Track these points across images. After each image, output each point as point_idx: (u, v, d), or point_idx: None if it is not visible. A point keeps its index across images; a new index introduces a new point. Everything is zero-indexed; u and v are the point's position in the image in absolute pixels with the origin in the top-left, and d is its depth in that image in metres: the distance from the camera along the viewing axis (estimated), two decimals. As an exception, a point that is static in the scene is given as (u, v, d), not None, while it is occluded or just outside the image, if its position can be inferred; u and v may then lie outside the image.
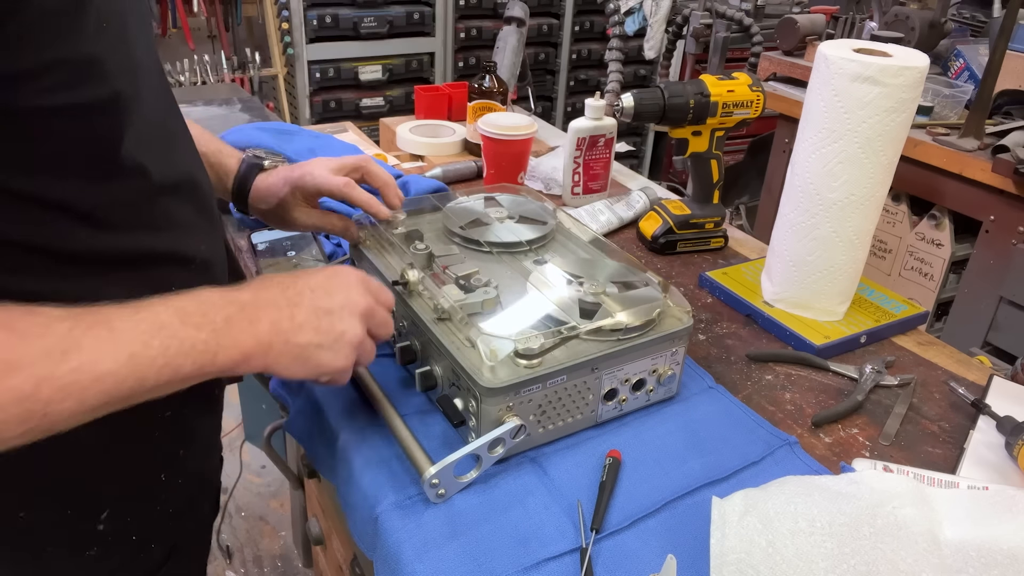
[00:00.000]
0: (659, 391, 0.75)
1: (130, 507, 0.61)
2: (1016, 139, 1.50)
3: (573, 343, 0.68)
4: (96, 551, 0.59)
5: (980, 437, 0.74)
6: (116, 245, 0.54)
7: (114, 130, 0.51)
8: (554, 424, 0.69)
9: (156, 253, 0.58)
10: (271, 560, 1.82)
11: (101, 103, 0.50)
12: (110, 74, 0.50)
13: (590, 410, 0.71)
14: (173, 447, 0.64)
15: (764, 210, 2.16)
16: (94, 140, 0.51)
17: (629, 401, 0.73)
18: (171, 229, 0.59)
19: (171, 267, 0.59)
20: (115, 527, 0.60)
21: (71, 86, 0.47)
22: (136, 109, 0.53)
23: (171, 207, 0.59)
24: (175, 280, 0.57)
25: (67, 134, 0.48)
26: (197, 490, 0.70)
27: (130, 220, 0.55)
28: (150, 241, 0.57)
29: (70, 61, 0.46)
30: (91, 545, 0.59)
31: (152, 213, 0.57)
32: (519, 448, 0.68)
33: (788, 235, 0.91)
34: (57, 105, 0.47)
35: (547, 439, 0.70)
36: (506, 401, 0.63)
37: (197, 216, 0.63)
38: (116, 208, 0.54)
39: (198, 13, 2.58)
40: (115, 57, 0.50)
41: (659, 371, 0.73)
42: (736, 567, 0.54)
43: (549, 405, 0.67)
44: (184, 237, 0.61)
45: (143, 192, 0.56)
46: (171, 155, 0.60)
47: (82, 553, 0.59)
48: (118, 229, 0.54)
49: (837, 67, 0.80)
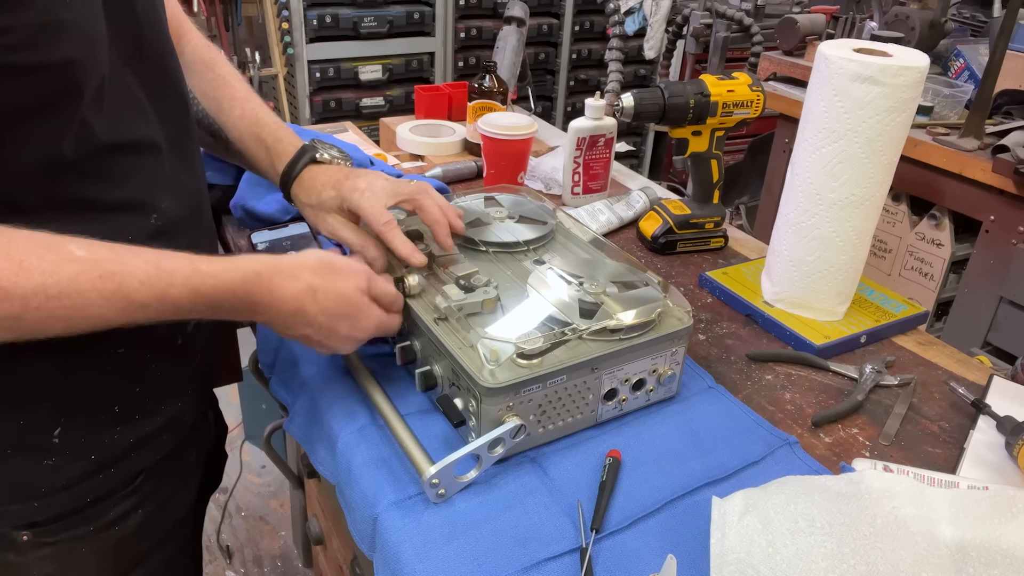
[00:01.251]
0: (659, 391, 0.75)
1: (82, 427, 0.65)
2: (1016, 139, 1.50)
3: (573, 343, 0.68)
4: (54, 461, 0.64)
5: (980, 437, 0.74)
6: (67, 193, 0.58)
7: (74, 87, 0.54)
8: (554, 424, 0.69)
9: (107, 202, 0.61)
10: (271, 560, 1.82)
11: (63, 62, 0.53)
12: (76, 35, 0.53)
13: (590, 410, 0.71)
14: (128, 384, 0.67)
15: (764, 210, 2.17)
16: (48, 101, 0.54)
17: (629, 401, 0.73)
18: (124, 183, 0.62)
19: (125, 215, 0.62)
20: (69, 442, 0.64)
21: (32, 44, 0.50)
22: (94, 74, 0.56)
23: (130, 161, 0.62)
24: (132, 228, 0.62)
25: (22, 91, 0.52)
26: (162, 428, 0.71)
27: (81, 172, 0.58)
28: (99, 191, 0.60)
29: (31, 25, 0.49)
30: (49, 455, 0.63)
31: (103, 167, 0.60)
32: (519, 448, 0.68)
33: (788, 235, 0.91)
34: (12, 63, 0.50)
35: (547, 439, 0.70)
36: (506, 401, 0.63)
37: (161, 174, 0.66)
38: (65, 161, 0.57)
39: (198, 13, 2.58)
40: (84, 20, 0.53)
41: (659, 371, 0.73)
42: (736, 567, 0.54)
43: (549, 405, 0.67)
44: (140, 191, 0.64)
45: (94, 148, 0.59)
46: (137, 116, 0.63)
47: (40, 461, 0.63)
48: (68, 178, 0.58)
49: (837, 67, 0.80)
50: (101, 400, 0.65)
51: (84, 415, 0.65)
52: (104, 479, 0.67)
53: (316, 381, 0.78)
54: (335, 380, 0.77)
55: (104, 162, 0.60)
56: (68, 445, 0.64)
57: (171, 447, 0.73)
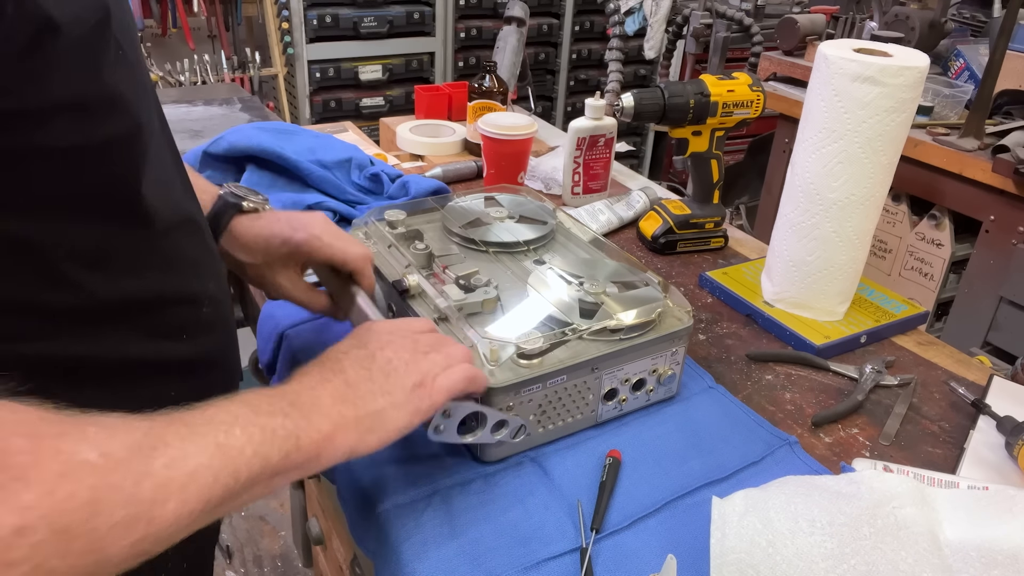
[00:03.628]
0: (659, 391, 0.75)
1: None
2: (1016, 139, 1.50)
3: (574, 343, 0.68)
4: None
5: (980, 437, 0.74)
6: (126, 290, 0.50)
7: (133, 167, 0.48)
8: (554, 424, 0.69)
9: (165, 296, 0.54)
10: (271, 560, 1.82)
11: (120, 139, 0.46)
12: (131, 105, 0.47)
13: (590, 410, 0.71)
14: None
15: (764, 210, 2.16)
16: (111, 180, 0.47)
17: (629, 401, 0.73)
18: (179, 269, 0.55)
19: (182, 308, 0.56)
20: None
21: (92, 121, 0.44)
22: (152, 141, 0.50)
23: (179, 244, 0.55)
24: (187, 322, 0.54)
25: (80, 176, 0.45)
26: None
27: (140, 263, 0.51)
28: (158, 284, 0.53)
29: (92, 94, 0.43)
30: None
31: (162, 252, 0.53)
32: (519, 448, 0.68)
33: (788, 235, 0.91)
34: (74, 144, 0.43)
35: (547, 439, 0.70)
36: (507, 401, 0.63)
37: (203, 253, 0.59)
38: (125, 251, 0.50)
39: (198, 13, 2.58)
40: (132, 86, 0.47)
41: (659, 371, 0.73)
42: (736, 567, 0.54)
43: (549, 405, 0.67)
44: (192, 278, 0.57)
45: (154, 230, 0.51)
46: (173, 190, 0.56)
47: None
48: (128, 274, 0.50)
49: (837, 67, 0.80)
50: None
51: None
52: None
53: (316, 381, 0.77)
54: (335, 380, 0.77)
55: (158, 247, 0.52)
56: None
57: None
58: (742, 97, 1.04)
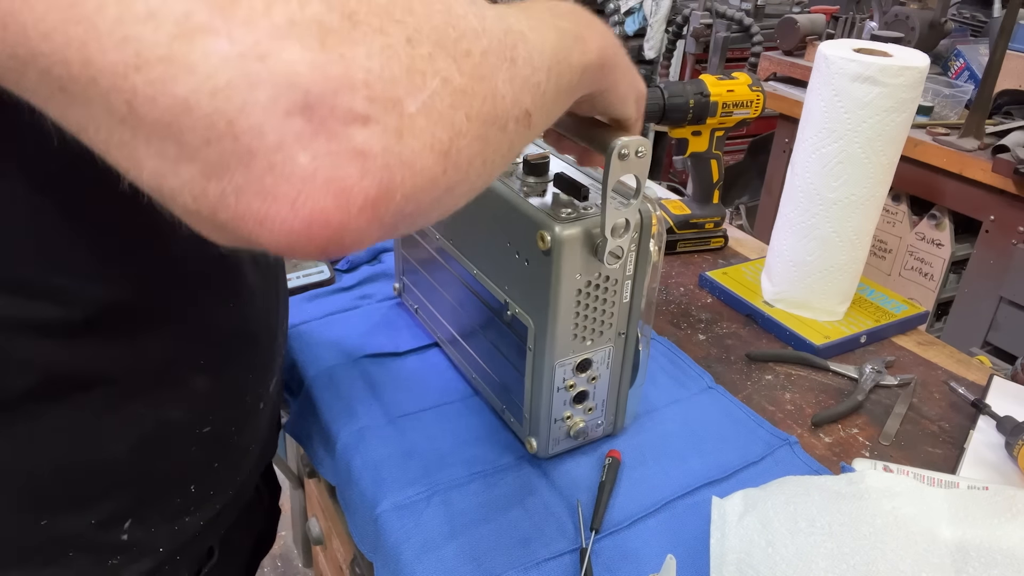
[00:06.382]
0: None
1: (154, 518, 0.56)
2: (1016, 139, 1.50)
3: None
4: (119, 560, 0.55)
5: (980, 437, 0.74)
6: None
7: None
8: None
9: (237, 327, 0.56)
10: (271, 560, 1.82)
11: None
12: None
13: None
14: (208, 461, 0.58)
15: (764, 210, 2.17)
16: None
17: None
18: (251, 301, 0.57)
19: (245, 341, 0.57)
20: (137, 537, 0.55)
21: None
22: None
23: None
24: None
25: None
26: (233, 500, 0.64)
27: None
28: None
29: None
30: (114, 554, 0.55)
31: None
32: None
33: (788, 235, 0.91)
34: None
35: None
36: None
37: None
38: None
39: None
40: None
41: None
42: (736, 567, 0.54)
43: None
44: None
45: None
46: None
47: (104, 561, 0.55)
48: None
49: (837, 67, 0.80)
50: (177, 484, 0.57)
51: (158, 503, 0.56)
52: (170, 570, 0.58)
53: (316, 381, 0.78)
54: (335, 380, 0.77)
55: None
56: (136, 540, 0.55)
57: (235, 518, 0.65)
58: (742, 97, 1.04)
